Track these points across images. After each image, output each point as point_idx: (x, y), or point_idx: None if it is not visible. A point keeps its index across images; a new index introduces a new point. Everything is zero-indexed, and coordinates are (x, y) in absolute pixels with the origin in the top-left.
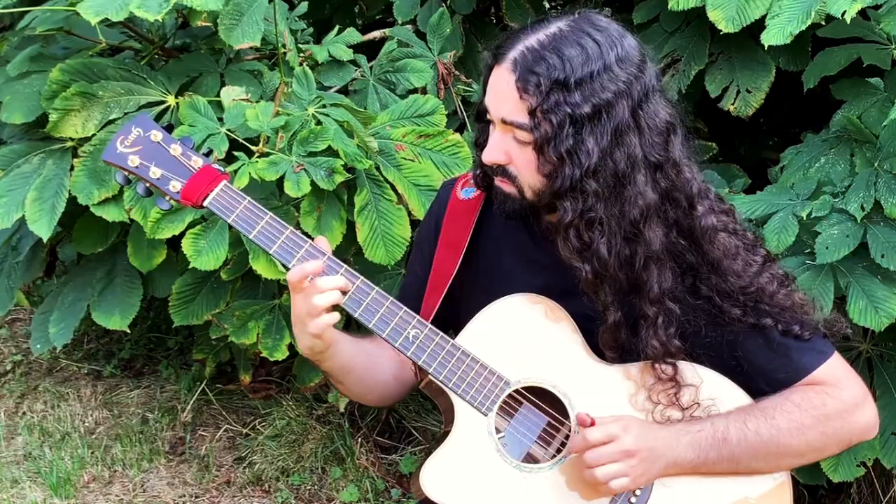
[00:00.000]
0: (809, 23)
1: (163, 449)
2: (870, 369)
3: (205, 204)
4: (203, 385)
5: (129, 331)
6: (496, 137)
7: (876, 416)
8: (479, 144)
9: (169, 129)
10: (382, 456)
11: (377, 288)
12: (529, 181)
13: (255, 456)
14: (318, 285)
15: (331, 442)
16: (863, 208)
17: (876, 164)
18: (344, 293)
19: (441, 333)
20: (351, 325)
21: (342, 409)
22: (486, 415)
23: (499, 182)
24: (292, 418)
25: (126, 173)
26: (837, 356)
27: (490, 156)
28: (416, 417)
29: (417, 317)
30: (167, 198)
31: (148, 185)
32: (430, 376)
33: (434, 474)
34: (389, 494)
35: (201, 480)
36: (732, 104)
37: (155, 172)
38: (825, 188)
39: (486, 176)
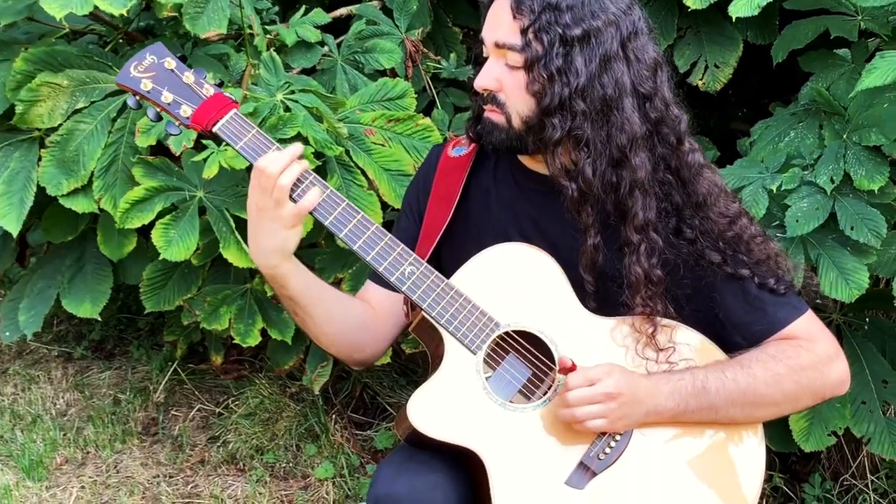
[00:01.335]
0: None
1: (135, 430)
2: (840, 338)
3: (214, 130)
4: (175, 365)
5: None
6: (489, 64)
7: (848, 373)
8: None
9: (182, 59)
10: (357, 432)
11: (377, 224)
12: (518, 106)
13: (229, 435)
14: (268, 172)
15: (305, 419)
16: (832, 180)
17: (845, 137)
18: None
19: (436, 272)
20: None
21: (317, 391)
22: (475, 353)
23: (488, 112)
24: (265, 396)
25: (138, 98)
26: (811, 313)
27: (481, 81)
28: (390, 393)
29: (414, 254)
30: (177, 123)
31: (159, 109)
32: (422, 313)
33: (421, 405)
34: (364, 470)
35: (175, 460)
36: (701, 79)
37: (167, 97)
38: (794, 161)
39: (478, 120)
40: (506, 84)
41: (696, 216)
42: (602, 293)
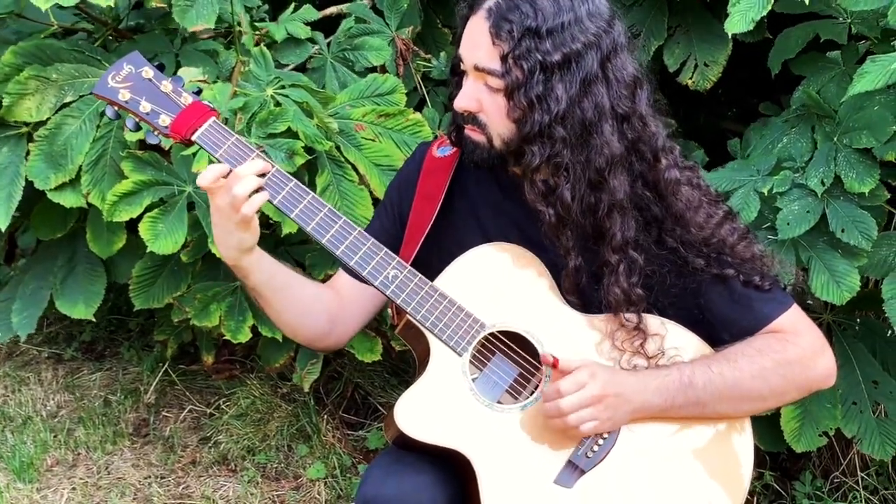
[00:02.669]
0: (770, 8)
1: (126, 431)
2: (830, 339)
3: (193, 138)
4: (166, 366)
5: (92, 318)
6: (468, 85)
7: (834, 366)
8: (453, 98)
9: (160, 67)
10: (349, 432)
11: (359, 229)
12: (499, 129)
13: (221, 435)
14: (237, 173)
15: (296, 420)
16: (823, 183)
17: (835, 139)
18: (264, 179)
19: (420, 275)
20: None
21: (307, 389)
22: (460, 355)
23: (469, 131)
24: (257, 397)
25: (116, 108)
26: (796, 307)
27: (461, 103)
28: (381, 393)
29: (397, 258)
30: (156, 132)
31: (137, 119)
32: (407, 316)
33: (408, 409)
34: (356, 470)
35: (166, 461)
36: (690, 78)
37: (145, 107)
38: (786, 163)
39: (459, 130)
40: (486, 106)
41: (677, 227)
42: (585, 302)
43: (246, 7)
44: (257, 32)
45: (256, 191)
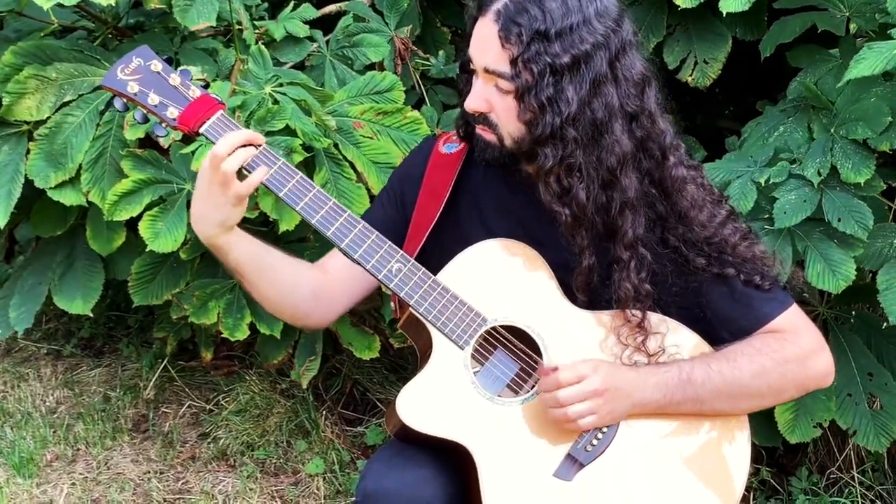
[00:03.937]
0: None
1: (126, 427)
2: (826, 332)
3: (201, 131)
4: (165, 362)
5: (90, 313)
6: (478, 86)
7: (832, 365)
8: (463, 94)
9: (168, 61)
10: (347, 428)
11: (364, 222)
12: (510, 129)
13: (220, 431)
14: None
15: (295, 415)
16: (819, 173)
17: (832, 130)
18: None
19: (423, 269)
20: None
21: (305, 385)
22: (462, 349)
23: (480, 130)
24: (256, 393)
25: (125, 100)
26: (796, 307)
27: (472, 103)
28: (380, 389)
29: (401, 251)
30: (164, 124)
31: (146, 111)
32: (410, 309)
33: (410, 401)
34: (355, 466)
35: (166, 457)
36: (690, 75)
37: (153, 99)
38: (783, 154)
39: (467, 126)
40: (497, 107)
41: (680, 225)
42: (591, 299)
43: (245, 5)
44: (256, 31)
45: (248, 171)
